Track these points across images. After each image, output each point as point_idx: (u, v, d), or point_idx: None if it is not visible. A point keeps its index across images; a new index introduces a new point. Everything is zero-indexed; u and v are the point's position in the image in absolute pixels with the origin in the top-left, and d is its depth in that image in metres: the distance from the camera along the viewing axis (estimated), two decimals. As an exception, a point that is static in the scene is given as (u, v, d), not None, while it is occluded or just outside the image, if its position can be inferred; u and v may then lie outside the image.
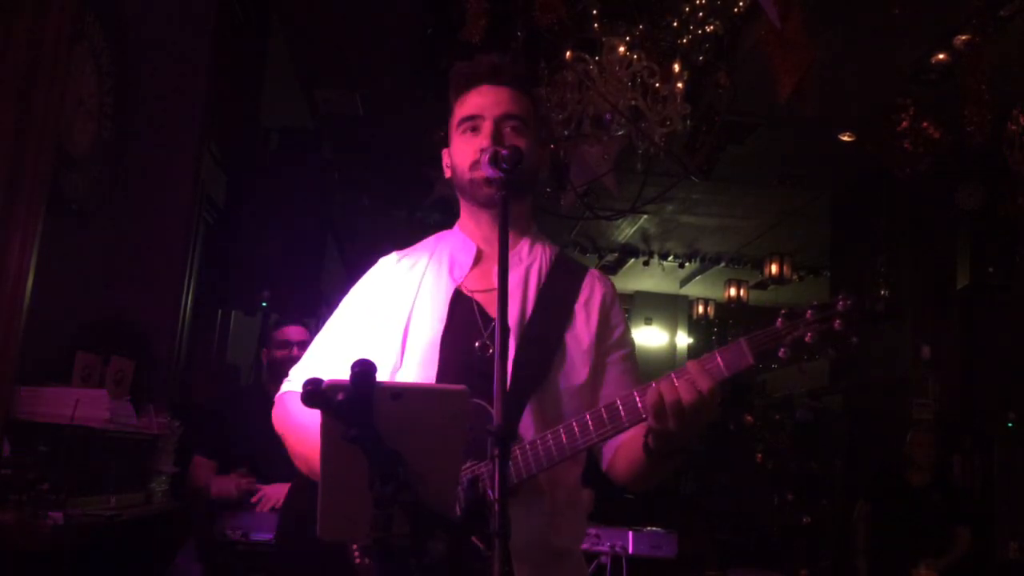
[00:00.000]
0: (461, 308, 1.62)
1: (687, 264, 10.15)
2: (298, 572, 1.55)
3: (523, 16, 3.95)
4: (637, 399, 1.42)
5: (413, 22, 4.96)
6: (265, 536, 2.96)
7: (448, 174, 1.75)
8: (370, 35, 5.42)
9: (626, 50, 3.96)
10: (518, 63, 1.75)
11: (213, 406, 3.92)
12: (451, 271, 1.67)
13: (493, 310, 1.59)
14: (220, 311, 4.75)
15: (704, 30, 4.05)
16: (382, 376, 1.55)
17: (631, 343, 1.71)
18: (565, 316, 1.63)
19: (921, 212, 6.39)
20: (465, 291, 1.64)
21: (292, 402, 1.67)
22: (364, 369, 1.06)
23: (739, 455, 8.05)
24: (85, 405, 2.54)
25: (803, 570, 6.36)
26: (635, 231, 9.25)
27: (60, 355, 2.93)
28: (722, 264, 10.13)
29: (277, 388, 3.62)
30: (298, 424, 1.61)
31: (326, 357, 1.68)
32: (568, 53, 3.97)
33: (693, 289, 11.40)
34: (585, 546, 3.77)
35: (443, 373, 1.56)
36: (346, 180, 7.09)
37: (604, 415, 1.44)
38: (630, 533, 3.85)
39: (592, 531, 3.83)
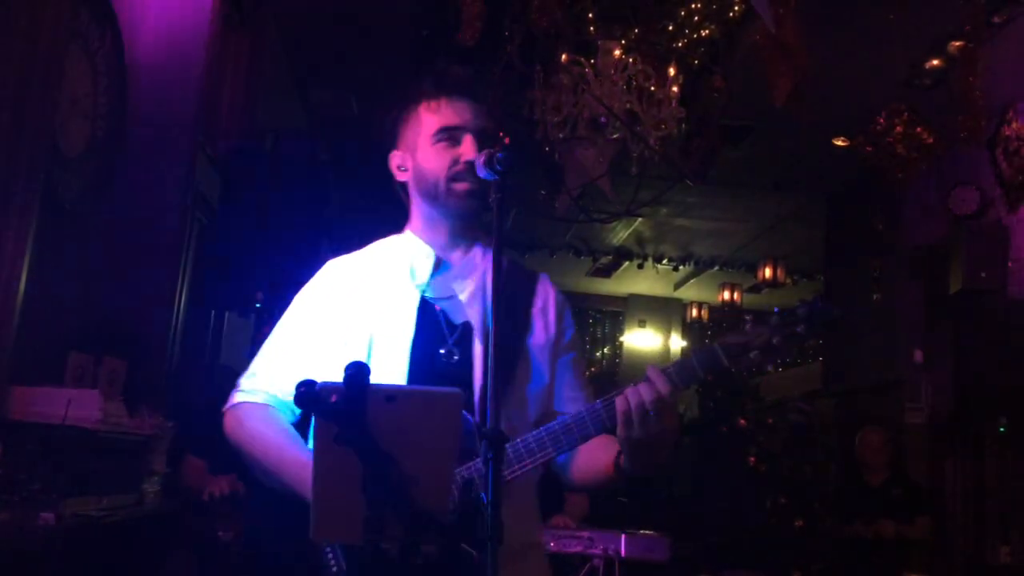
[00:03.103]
0: (426, 316, 1.64)
1: (681, 267, 10.16)
2: None
3: (519, 19, 3.95)
4: (602, 410, 1.48)
5: (409, 23, 4.96)
6: (258, 538, 2.95)
7: (402, 177, 1.77)
8: (366, 36, 5.42)
9: (622, 53, 3.97)
10: (488, 80, 1.82)
11: (206, 406, 3.90)
12: (412, 279, 1.69)
13: (456, 316, 1.65)
14: (214, 312, 4.73)
15: (700, 34, 4.07)
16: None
17: (580, 346, 1.79)
18: (524, 322, 1.69)
19: (914, 216, 6.41)
20: (427, 299, 1.67)
21: (252, 415, 1.66)
22: (358, 371, 1.06)
23: (732, 458, 8.05)
24: (77, 405, 2.53)
25: (796, 573, 6.37)
26: (630, 234, 9.26)
27: (53, 355, 2.92)
28: (716, 267, 10.14)
29: None
30: (259, 436, 1.63)
31: (282, 367, 1.67)
32: (564, 56, 3.98)
33: (687, 292, 11.41)
34: (578, 549, 3.78)
35: (413, 380, 1.58)
36: (341, 180, 7.08)
37: (586, 419, 1.50)
38: (623, 536, 3.85)
39: (585, 534, 3.83)
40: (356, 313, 1.66)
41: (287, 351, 1.69)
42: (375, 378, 1.57)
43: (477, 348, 1.60)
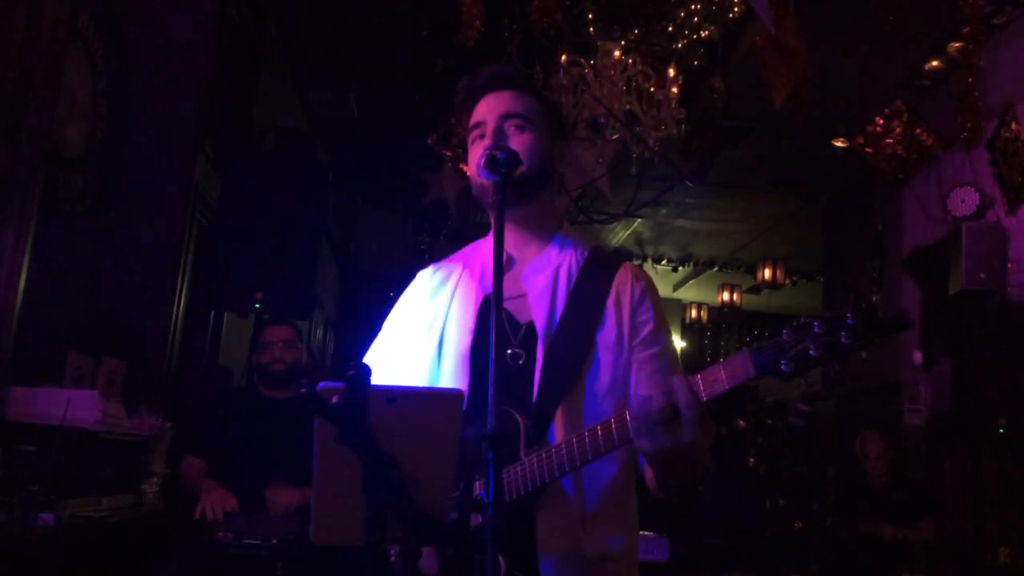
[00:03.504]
0: (489, 316, 1.57)
1: (681, 268, 10.16)
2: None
3: (519, 20, 3.95)
4: (627, 416, 1.37)
5: (409, 24, 4.96)
6: (255, 540, 2.95)
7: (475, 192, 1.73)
8: (365, 37, 5.42)
9: (621, 54, 3.97)
10: (515, 66, 1.75)
11: (205, 406, 3.91)
12: (481, 279, 1.66)
13: (522, 316, 1.59)
14: (213, 312, 4.74)
15: (699, 35, 4.07)
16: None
17: (663, 341, 1.62)
18: (596, 316, 1.59)
19: (913, 217, 6.41)
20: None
21: None
22: (359, 372, 1.06)
23: (731, 459, 8.05)
24: (77, 406, 2.53)
25: (795, 574, 6.37)
26: (629, 235, 9.26)
27: (52, 355, 2.92)
28: (716, 268, 10.15)
29: (266, 390, 3.58)
30: None
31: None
32: (563, 57, 3.98)
33: (687, 293, 11.41)
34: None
35: (475, 383, 1.54)
36: (340, 181, 7.08)
37: (599, 431, 1.40)
38: (622, 537, 3.85)
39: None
40: (430, 318, 1.67)
41: (378, 363, 1.68)
42: (444, 382, 1.58)
43: (540, 349, 1.54)
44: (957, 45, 4.38)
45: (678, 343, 12.01)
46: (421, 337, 1.66)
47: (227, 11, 4.34)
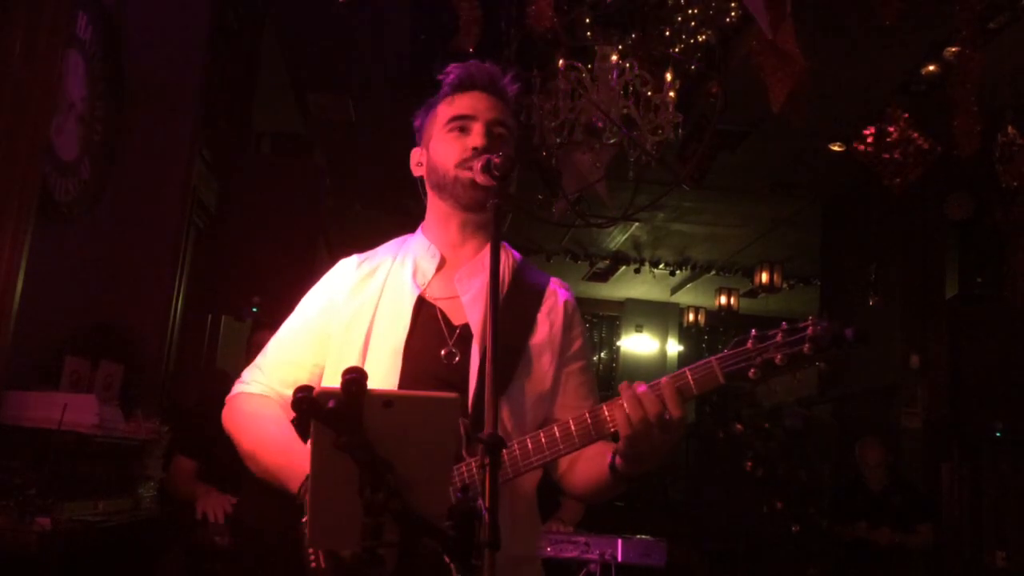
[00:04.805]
0: (424, 315, 1.62)
1: (678, 272, 10.17)
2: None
3: (516, 24, 3.96)
4: (606, 413, 1.44)
5: (407, 28, 4.97)
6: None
7: (418, 172, 1.76)
8: (363, 40, 5.42)
9: (619, 59, 3.98)
10: (510, 78, 1.76)
11: (198, 408, 3.91)
12: (414, 277, 1.67)
13: (456, 317, 1.62)
14: (210, 316, 4.73)
15: (696, 39, 4.07)
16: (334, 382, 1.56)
17: (587, 355, 1.74)
18: (528, 325, 1.64)
19: (911, 221, 6.43)
20: (428, 298, 1.64)
21: (245, 402, 1.67)
22: (355, 377, 1.06)
23: (728, 463, 8.06)
24: (73, 410, 2.53)
25: (792, 578, 6.38)
26: (626, 238, 9.27)
27: (49, 359, 2.92)
28: (713, 272, 10.16)
29: None
30: (252, 424, 1.62)
31: (282, 360, 1.68)
32: (561, 61, 3.98)
33: (684, 297, 11.42)
34: (575, 553, 3.77)
35: (405, 380, 1.56)
36: (338, 185, 7.08)
37: (572, 429, 1.46)
38: (619, 541, 3.85)
39: (581, 539, 3.82)
40: (356, 311, 1.65)
41: (285, 346, 1.69)
42: (369, 378, 1.59)
43: (475, 350, 1.57)
44: (954, 49, 4.40)
45: (675, 347, 12.03)
46: (342, 328, 1.64)
47: (224, 15, 4.34)
